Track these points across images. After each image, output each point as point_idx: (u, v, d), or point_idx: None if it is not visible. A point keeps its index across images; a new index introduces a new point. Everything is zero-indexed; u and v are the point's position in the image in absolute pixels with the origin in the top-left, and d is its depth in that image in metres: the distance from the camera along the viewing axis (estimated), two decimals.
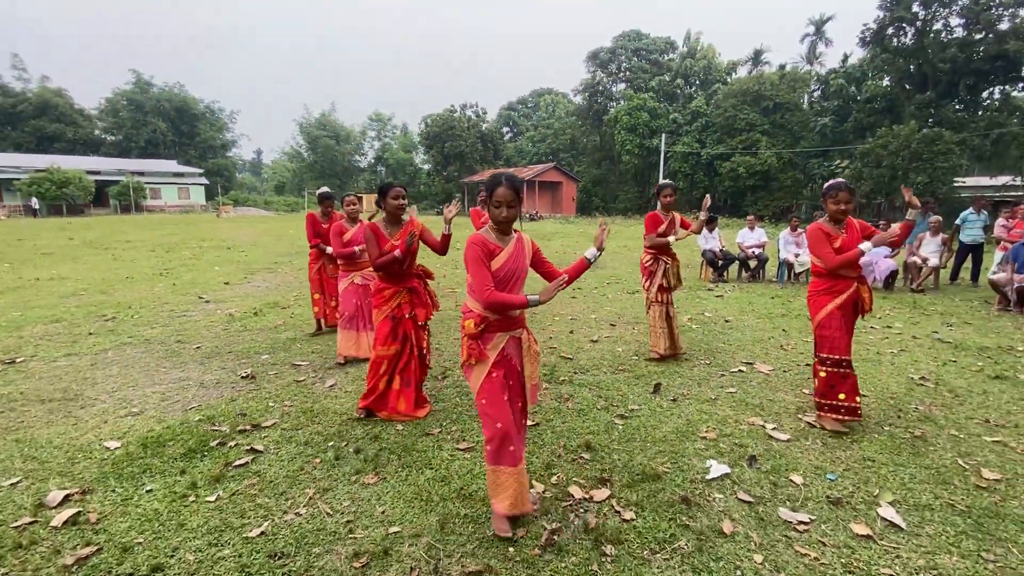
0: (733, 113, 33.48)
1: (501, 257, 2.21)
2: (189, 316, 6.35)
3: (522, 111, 65.58)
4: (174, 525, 2.30)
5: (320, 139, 57.31)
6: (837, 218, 3.22)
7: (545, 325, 5.97)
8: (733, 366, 4.56)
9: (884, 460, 2.93)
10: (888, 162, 22.86)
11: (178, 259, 11.96)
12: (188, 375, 4.26)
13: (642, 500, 2.52)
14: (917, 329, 5.87)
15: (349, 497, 2.54)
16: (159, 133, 51.58)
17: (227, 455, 2.92)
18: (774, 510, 2.46)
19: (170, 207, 42.99)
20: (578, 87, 46.42)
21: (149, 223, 26.24)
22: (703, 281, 9.45)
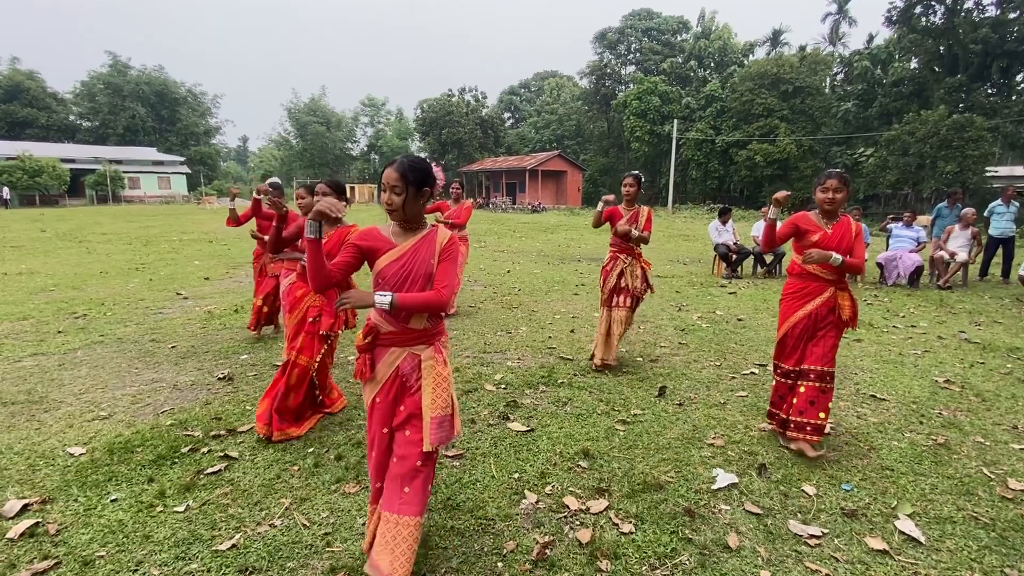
0: (750, 98, 33.37)
1: (389, 256, 1.93)
2: (165, 313, 6.34)
3: (525, 95, 65.47)
4: (139, 537, 2.29)
5: (310, 125, 57.22)
6: (826, 209, 3.03)
7: (544, 324, 5.95)
8: (745, 368, 4.53)
9: (904, 469, 2.90)
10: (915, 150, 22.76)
11: (156, 253, 11.96)
12: (162, 376, 4.25)
13: (643, 512, 2.50)
14: (943, 328, 5.83)
15: (328, 507, 2.52)
16: (138, 119, 51.56)
17: (199, 462, 2.90)
18: (784, 523, 2.43)
19: (150, 197, 43.04)
20: (584, 70, 46.32)
21: (127, 214, 26.26)
22: (716, 277, 9.41)
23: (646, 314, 6.40)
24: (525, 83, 66.18)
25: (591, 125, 48.50)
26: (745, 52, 41.68)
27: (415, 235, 1.99)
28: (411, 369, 1.99)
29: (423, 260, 1.95)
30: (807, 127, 32.89)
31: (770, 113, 32.99)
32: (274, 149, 65.13)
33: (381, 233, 1.99)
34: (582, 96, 48.93)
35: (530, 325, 5.88)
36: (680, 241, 16.53)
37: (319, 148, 57.57)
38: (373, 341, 2.00)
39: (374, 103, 64.18)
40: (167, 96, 53.90)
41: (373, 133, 63.81)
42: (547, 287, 8.17)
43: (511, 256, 12.09)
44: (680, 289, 8.12)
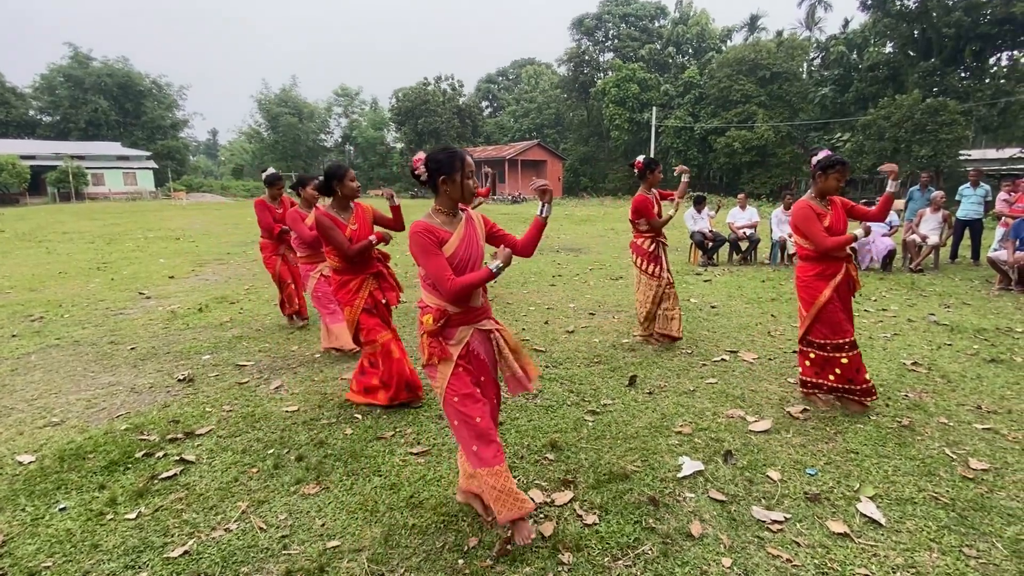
0: (728, 84, 33.61)
1: (452, 243, 2.13)
2: (126, 314, 6.19)
3: (503, 84, 65.03)
4: (87, 546, 2.23)
5: (281, 116, 56.14)
6: (826, 195, 3.26)
7: (519, 316, 5.94)
8: (716, 355, 4.58)
9: (868, 452, 2.96)
10: (891, 134, 23.18)
11: (120, 252, 11.65)
12: (119, 379, 4.15)
13: (607, 502, 2.51)
14: (913, 311, 5.96)
15: (286, 509, 2.48)
16: (100, 112, 49.99)
17: (154, 467, 2.84)
18: (747, 509, 2.46)
19: (115, 194, 41.86)
20: (562, 57, 46.12)
21: (90, 212, 25.54)
22: (692, 265, 9.49)
23: (620, 303, 6.43)
24: (503, 71, 65.70)
25: (570, 113, 48.38)
26: (723, 38, 41.93)
27: (460, 219, 2.20)
28: (480, 343, 2.23)
29: (476, 241, 2.21)
30: (785, 113, 33.26)
31: (748, 99, 33.27)
32: (245, 142, 63.74)
33: (433, 226, 2.12)
34: (560, 84, 48.75)
35: (503, 317, 5.86)
36: None
37: (291, 140, 56.56)
38: (446, 323, 2.16)
39: (348, 93, 63.18)
40: (131, 88, 52.33)
41: (347, 124, 62.85)
42: (523, 279, 8.16)
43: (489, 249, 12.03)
44: None
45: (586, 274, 8.52)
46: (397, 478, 2.73)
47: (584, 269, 8.98)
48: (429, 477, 2.74)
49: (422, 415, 3.46)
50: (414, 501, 2.54)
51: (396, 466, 2.85)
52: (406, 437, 3.18)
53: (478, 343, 2.23)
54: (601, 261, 9.83)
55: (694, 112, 36.92)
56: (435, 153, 2.13)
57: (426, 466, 2.85)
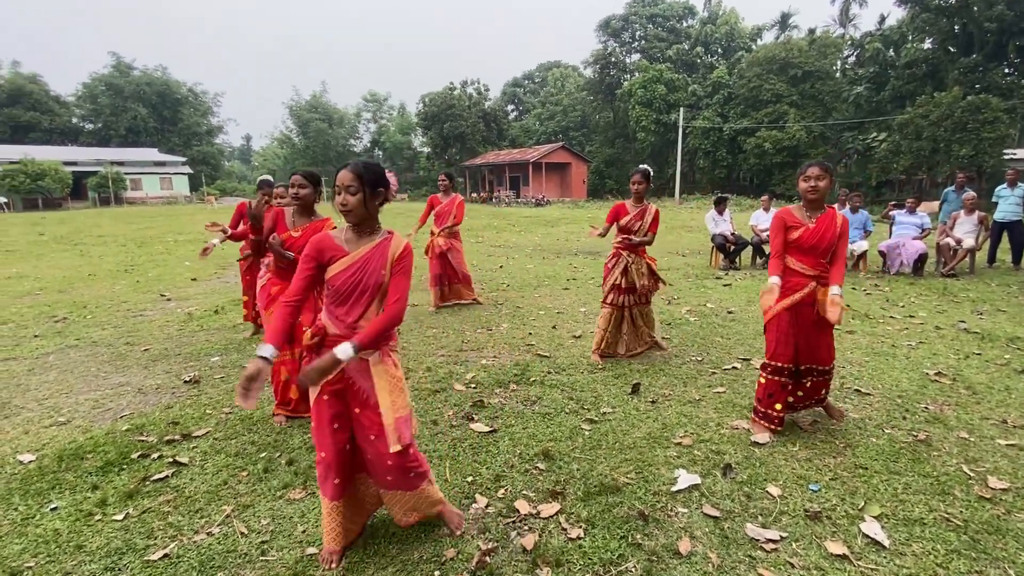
0: (758, 84, 32.94)
1: (339, 264, 1.96)
2: (145, 316, 6.35)
3: (528, 87, 65.14)
4: (72, 547, 2.26)
5: (312, 122, 57.46)
6: (809, 199, 3.02)
7: (527, 320, 5.87)
8: (727, 363, 4.43)
9: (878, 468, 2.80)
10: (929, 133, 22.31)
11: (148, 254, 12.03)
12: (128, 380, 4.24)
13: (595, 516, 2.43)
14: (942, 318, 5.68)
15: (270, 514, 2.48)
16: (140, 120, 52.05)
17: (148, 468, 2.88)
18: (741, 526, 2.35)
19: (152, 198, 43.44)
20: (588, 59, 45.97)
21: (127, 216, 26.51)
22: (712, 268, 9.27)
23: None
24: (529, 74, 65.80)
25: (596, 115, 48.13)
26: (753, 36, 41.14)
27: (369, 242, 2.02)
28: (357, 372, 2.02)
29: (374, 270, 1.98)
30: (817, 112, 32.40)
31: (779, 99, 32.53)
32: (277, 147, 65.45)
33: (334, 241, 2.01)
34: (586, 86, 48.55)
35: (512, 321, 5.81)
36: (682, 232, 16.35)
37: (322, 145, 57.79)
38: (321, 342, 2.04)
39: (376, 98, 64.27)
40: (169, 96, 54.35)
41: (376, 128, 63.95)
42: (537, 282, 8.09)
43: (506, 251, 12.02)
44: (673, 282, 7.99)
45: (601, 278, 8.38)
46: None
47: (600, 273, 8.83)
48: None
49: (418, 420, 3.42)
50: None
51: None
52: None
53: (355, 371, 2.01)
54: None
55: (723, 112, 36.29)
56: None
57: None
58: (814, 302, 3.03)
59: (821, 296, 3.01)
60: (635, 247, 4.40)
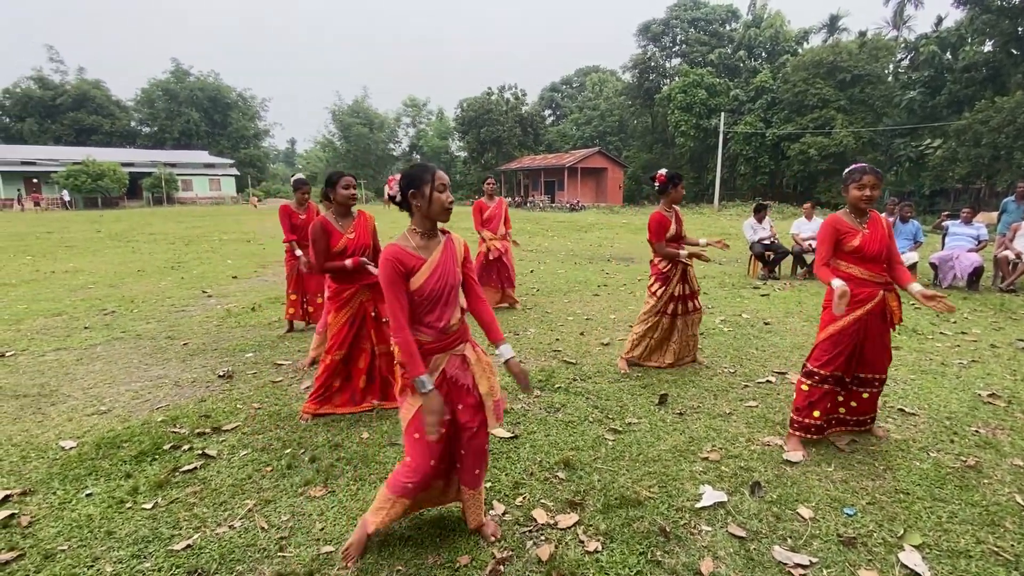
0: (803, 88, 31.93)
1: (423, 272, 1.98)
2: (187, 311, 6.59)
3: (566, 92, 64.99)
4: (103, 533, 2.34)
5: (353, 127, 58.82)
6: (860, 208, 2.89)
7: (555, 326, 5.82)
8: (761, 376, 4.27)
9: (921, 494, 2.63)
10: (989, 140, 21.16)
11: (195, 252, 12.52)
12: (167, 373, 4.40)
13: (614, 529, 2.36)
14: (999, 336, 5.34)
15: (290, 511, 2.51)
16: (192, 123, 54.44)
17: (178, 459, 2.96)
18: (769, 548, 2.24)
19: (201, 199, 45.31)
20: (627, 64, 45.52)
21: (177, 215, 27.71)
22: (750, 277, 9.00)
23: None
24: (567, 79, 65.67)
25: (634, 120, 47.61)
26: (799, 40, 39.89)
27: (436, 244, 2.07)
28: (458, 369, 2.11)
29: (452, 270, 2.06)
30: (866, 118, 31.15)
31: (825, 104, 31.43)
32: (319, 151, 67.32)
33: (406, 250, 2.01)
34: (625, 91, 48.08)
35: (540, 327, 5.76)
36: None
37: (362, 149, 59.09)
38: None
39: (415, 103, 65.34)
40: (220, 101, 56.67)
41: (414, 133, 64.98)
42: (567, 287, 8.02)
43: (538, 255, 11.98)
44: (708, 291, 7.79)
45: (634, 284, 8.26)
46: None
47: (633, 279, 8.72)
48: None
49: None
50: (414, 512, 2.50)
51: None
52: None
53: (456, 368, 2.10)
54: None
55: (766, 117, 35.32)
56: (406, 170, 2.04)
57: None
58: (884, 310, 2.92)
59: (892, 303, 2.93)
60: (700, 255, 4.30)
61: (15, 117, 50.06)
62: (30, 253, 12.22)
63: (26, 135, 48.38)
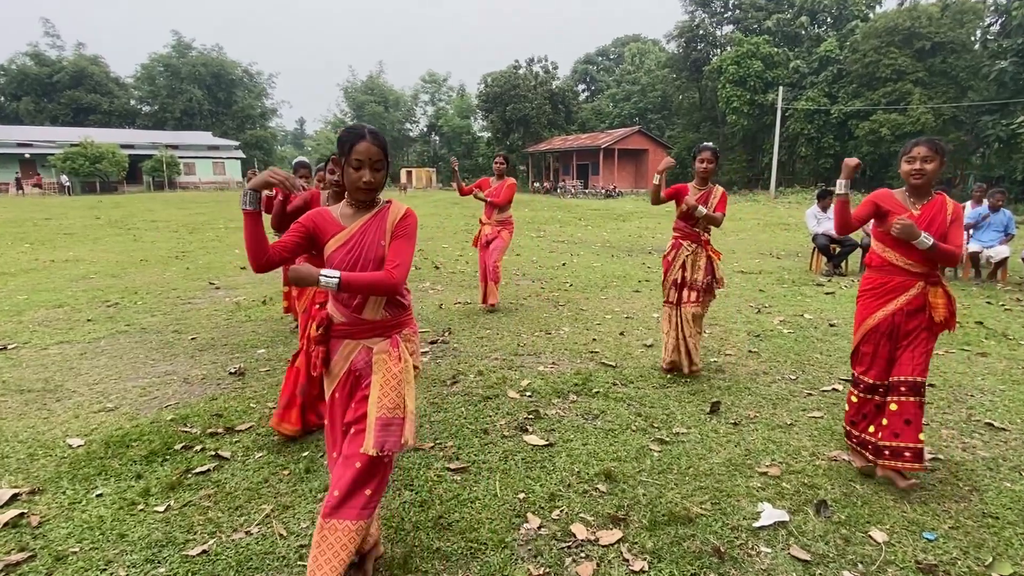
0: (875, 58, 31.02)
1: (337, 238, 1.95)
2: (194, 303, 6.81)
3: (602, 64, 64.56)
4: (115, 535, 2.45)
5: (366, 105, 59.57)
6: (913, 184, 2.76)
7: (592, 324, 5.82)
8: (826, 384, 4.21)
9: (1012, 518, 2.57)
10: None
11: (199, 241, 12.88)
12: (175, 369, 4.56)
13: (661, 548, 2.37)
14: None
15: (310, 517, 2.59)
16: (195, 102, 55.79)
17: (190, 460, 3.08)
18: (837, 574, 2.22)
19: (204, 183, 46.47)
20: (672, 32, 44.90)
21: (180, 201, 28.52)
22: (813, 273, 8.84)
23: (716, 316, 6.10)
24: (603, 50, 65.20)
25: (679, 96, 46.93)
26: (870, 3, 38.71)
27: (366, 213, 2.00)
28: (364, 364, 2.01)
29: (373, 242, 1.96)
30: (949, 92, 30.08)
31: (900, 76, 30.46)
32: (330, 132, 68.34)
33: (331, 215, 2.01)
34: (669, 63, 47.45)
35: (574, 325, 5.78)
36: (777, 231, 15.68)
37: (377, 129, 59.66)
38: (327, 332, 2.04)
39: (435, 79, 65.73)
40: (223, 77, 57.92)
41: (433, 112, 65.37)
42: (604, 282, 8.01)
43: (571, 247, 11.97)
44: (765, 287, 7.69)
45: None
46: (429, 494, 2.76)
47: None
48: (463, 497, 2.74)
49: (467, 427, 3.48)
50: (443, 522, 2.55)
51: (430, 481, 2.88)
52: (445, 450, 3.21)
53: (363, 363, 2.01)
54: None
55: (831, 92, 34.46)
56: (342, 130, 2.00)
57: (461, 484, 2.85)
58: (925, 305, 2.80)
59: (933, 298, 2.78)
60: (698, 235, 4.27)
61: (11, 96, 52.09)
62: (28, 241, 12.75)
63: (22, 114, 50.29)
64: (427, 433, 3.42)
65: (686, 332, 4.24)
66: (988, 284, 7.96)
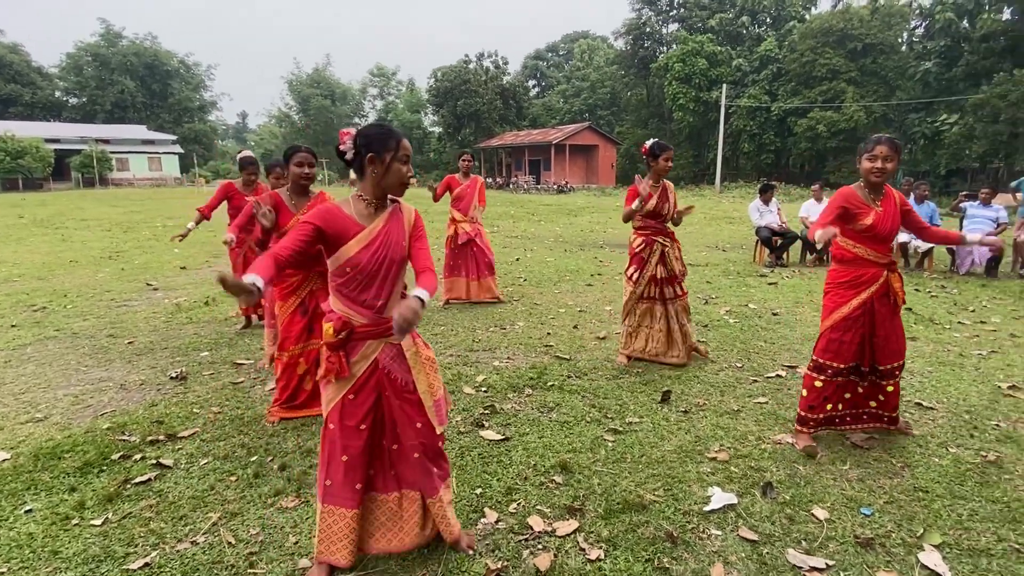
0: (812, 58, 32.37)
1: (359, 241, 1.94)
2: (130, 306, 6.49)
3: (552, 60, 64.96)
4: (47, 552, 2.32)
5: (312, 98, 58.00)
6: (873, 181, 2.97)
7: (546, 319, 5.87)
8: (771, 370, 4.38)
9: (941, 491, 2.74)
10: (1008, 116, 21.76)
11: (135, 240, 12.28)
12: (111, 375, 4.33)
13: (617, 536, 2.42)
14: (1019, 325, 5.54)
15: (260, 523, 2.51)
16: (127, 94, 53.05)
17: (129, 470, 2.94)
18: (783, 552, 2.32)
19: (139, 180, 44.29)
20: (620, 29, 45.58)
21: (113, 198, 27.09)
22: (756, 265, 9.16)
23: None
24: (552, 46, 65.59)
25: (628, 92, 47.73)
26: (806, 5, 40.32)
27: (383, 213, 2.02)
28: (392, 360, 2.08)
29: (396, 243, 2.02)
30: (879, 91, 31.73)
31: (835, 75, 31.93)
32: (275, 126, 66.27)
33: (343, 213, 1.98)
34: (617, 59, 48.19)
35: (529, 320, 5.81)
36: (723, 224, 16.18)
37: (323, 124, 58.32)
38: (348, 336, 2.02)
39: (384, 73, 64.65)
40: (158, 68, 55.27)
41: (383, 106, 64.31)
42: (557, 277, 8.08)
43: (524, 242, 12.02)
44: (712, 279, 7.92)
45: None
46: None
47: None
48: None
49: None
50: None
51: None
52: None
53: (389, 359, 2.07)
54: None
55: (771, 90, 35.75)
56: (367, 128, 1.98)
57: None
58: (888, 291, 3.04)
59: (895, 283, 3.04)
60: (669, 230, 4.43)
61: None
62: None
63: None
64: None
65: (682, 321, 4.46)
66: (916, 272, 8.44)
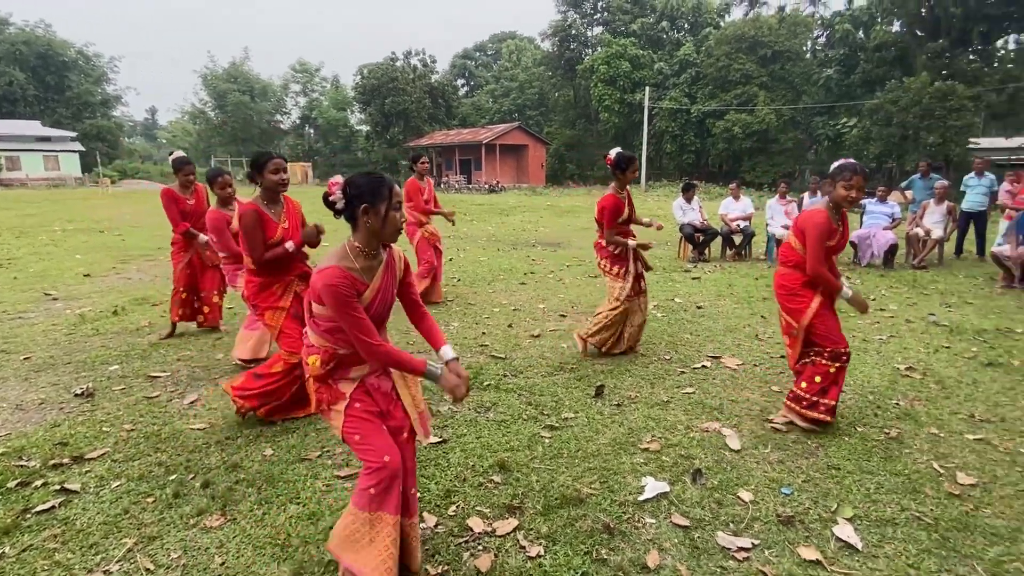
0: (727, 63, 34.02)
1: (366, 297, 1.98)
2: (26, 318, 5.94)
3: (480, 60, 64.92)
4: None
5: (229, 94, 55.16)
6: (841, 206, 3.23)
7: (481, 318, 5.86)
8: (696, 361, 4.56)
9: (851, 468, 2.95)
10: (898, 120, 23.69)
11: (30, 246, 11.26)
12: (4, 395, 3.95)
13: (556, 531, 2.45)
14: (913, 311, 6.05)
15: (181, 546, 2.36)
16: (16, 86, 48.42)
17: (28, 498, 2.69)
18: (712, 535, 2.42)
19: (34, 180, 40.69)
20: (546, 31, 46.18)
21: (3, 200, 24.72)
22: (680, 260, 9.53)
23: (597, 303, 6.36)
24: (480, 46, 65.54)
25: (555, 93, 48.49)
26: (721, 12, 42.38)
27: (379, 263, 2.04)
28: (379, 376, 2.12)
29: (390, 290, 2.09)
30: (788, 95, 33.79)
31: (748, 80, 33.72)
32: (188, 123, 62.60)
33: (348, 272, 1.93)
34: (544, 61, 48.82)
35: (463, 320, 5.78)
36: None
37: (242, 121, 55.61)
38: (337, 366, 2.05)
39: (307, 69, 62.41)
40: (53, 59, 50.76)
41: (306, 103, 62.11)
42: (491, 276, 8.09)
43: (456, 242, 11.94)
44: None
45: (562, 271, 8.49)
46: (318, 506, 2.63)
47: (561, 266, 8.95)
48: None
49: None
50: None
51: (318, 492, 2.75)
52: (334, 458, 3.07)
53: (376, 377, 2.11)
54: (580, 257, 9.80)
55: (691, 93, 37.27)
56: (356, 178, 1.94)
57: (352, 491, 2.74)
58: None
59: None
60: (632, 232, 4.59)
61: None
62: None
63: None
64: (313, 441, 3.26)
65: (646, 314, 4.67)
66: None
